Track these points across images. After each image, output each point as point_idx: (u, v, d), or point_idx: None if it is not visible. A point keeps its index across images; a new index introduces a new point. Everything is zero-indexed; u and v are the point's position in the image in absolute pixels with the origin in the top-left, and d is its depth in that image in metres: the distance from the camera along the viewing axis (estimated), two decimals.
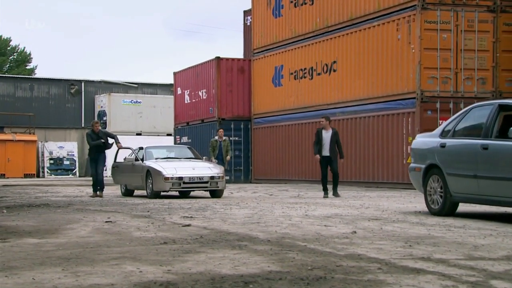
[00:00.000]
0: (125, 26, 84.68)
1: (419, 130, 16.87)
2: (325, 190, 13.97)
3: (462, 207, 9.29)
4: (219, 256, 5.47)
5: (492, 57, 17.67)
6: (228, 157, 17.08)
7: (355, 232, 7.02)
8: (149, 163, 15.03)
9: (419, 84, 17.22)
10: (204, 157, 16.56)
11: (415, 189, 16.37)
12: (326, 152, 13.71)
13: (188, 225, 7.91)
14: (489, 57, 17.68)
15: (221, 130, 17.38)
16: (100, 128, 15.63)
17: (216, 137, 17.31)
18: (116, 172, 16.55)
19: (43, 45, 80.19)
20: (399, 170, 17.88)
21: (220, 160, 16.87)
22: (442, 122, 17.25)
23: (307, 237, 6.64)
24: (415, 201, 12.24)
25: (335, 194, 13.85)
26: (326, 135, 13.75)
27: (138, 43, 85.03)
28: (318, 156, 13.78)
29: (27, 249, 6.06)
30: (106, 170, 19.38)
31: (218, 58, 25.34)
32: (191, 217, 9.09)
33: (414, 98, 17.37)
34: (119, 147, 15.48)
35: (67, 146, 37.87)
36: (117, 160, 16.83)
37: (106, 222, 8.48)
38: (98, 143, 15.07)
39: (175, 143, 28.37)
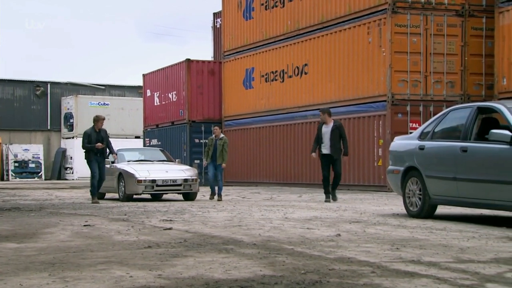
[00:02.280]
0: (94, 28, 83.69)
1: (390, 132, 17.05)
2: (327, 193, 12.63)
3: (439, 209, 9.37)
4: (208, 260, 5.40)
5: (461, 61, 17.93)
6: (224, 165, 14.41)
7: (339, 235, 7.01)
8: (121, 165, 14.85)
9: (390, 87, 17.37)
10: (177, 160, 16.44)
11: (386, 191, 16.67)
12: (325, 149, 12.36)
13: (170, 229, 7.81)
14: (457, 61, 17.94)
15: (216, 127, 14.88)
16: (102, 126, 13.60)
17: (213, 136, 14.97)
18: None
19: (8, 46, 78.78)
20: (370, 172, 18.01)
21: (216, 161, 14.46)
22: (412, 125, 17.53)
23: (293, 240, 6.61)
24: (390, 203, 12.33)
25: (334, 197, 12.67)
26: (326, 130, 12.36)
27: (107, 45, 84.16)
28: (313, 155, 12.57)
29: (7, 254, 5.90)
30: None
31: (188, 60, 25.21)
32: (171, 220, 8.99)
33: (384, 101, 17.52)
34: (114, 159, 14.30)
35: (33, 149, 37.20)
36: None
37: (85, 226, 8.32)
38: (91, 147, 13.24)
39: (144, 145, 28.12)
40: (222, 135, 14.65)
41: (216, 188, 14.40)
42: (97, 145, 13.27)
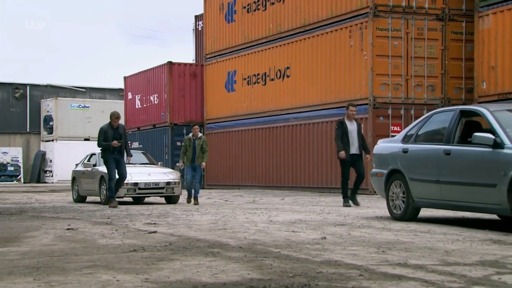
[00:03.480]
0: (75, 30, 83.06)
1: (372, 136, 17.13)
2: (346, 197, 11.82)
3: (422, 212, 9.42)
4: (194, 264, 5.37)
5: (441, 65, 18.08)
6: (203, 164, 13.61)
7: (324, 238, 7.02)
8: (103, 168, 14.74)
9: (372, 90, 17.46)
10: (159, 163, 16.37)
11: (368, 194, 16.73)
12: (354, 149, 11.39)
13: (154, 232, 7.77)
14: (438, 65, 18.09)
15: (196, 126, 14.02)
16: (119, 122, 12.77)
17: (190, 135, 13.98)
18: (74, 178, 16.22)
19: None
20: (352, 175, 18.04)
21: (194, 162, 13.70)
22: (394, 128, 17.64)
23: (278, 243, 6.60)
24: (372, 206, 12.38)
25: (355, 201, 11.75)
26: (352, 127, 11.40)
27: (89, 47, 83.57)
28: (343, 153, 11.35)
29: None
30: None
31: (170, 62, 25.13)
32: (155, 223, 8.94)
33: (366, 104, 17.59)
34: (128, 161, 13.04)
35: (12, 152, 36.80)
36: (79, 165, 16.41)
37: (68, 229, 8.24)
38: (107, 145, 12.37)
39: None
40: (200, 134, 14.01)
41: (193, 191, 13.82)
42: (113, 143, 12.47)
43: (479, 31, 16.63)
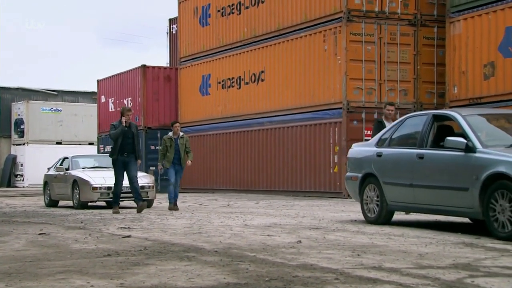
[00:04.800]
0: (49, 32, 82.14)
1: (346, 139, 17.24)
2: None
3: (396, 216, 9.50)
4: (170, 268, 5.34)
5: (413, 69, 18.27)
6: (189, 162, 12.71)
7: (300, 241, 7.03)
8: (75, 172, 14.63)
9: (345, 94, 17.57)
10: None
11: (342, 197, 16.82)
12: None
13: (128, 236, 7.71)
14: (410, 69, 18.27)
15: (177, 124, 12.86)
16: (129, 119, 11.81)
17: (170, 134, 12.84)
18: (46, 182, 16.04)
19: None
20: (326, 179, 18.15)
21: (178, 165, 12.71)
22: (367, 132, 17.76)
23: (254, 247, 6.60)
24: (346, 209, 12.45)
25: None
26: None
27: (62, 50, 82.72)
28: None
29: None
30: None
31: (144, 66, 25.00)
32: (129, 228, 8.87)
33: (340, 108, 17.70)
34: (138, 164, 12.22)
35: None
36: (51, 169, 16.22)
37: (40, 234, 8.14)
38: (118, 132, 11.45)
39: (98, 152, 27.72)
40: (181, 133, 12.97)
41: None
42: (122, 121, 11.54)
43: (450, 36, 16.85)
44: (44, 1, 79.55)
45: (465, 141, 7.69)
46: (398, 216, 9.86)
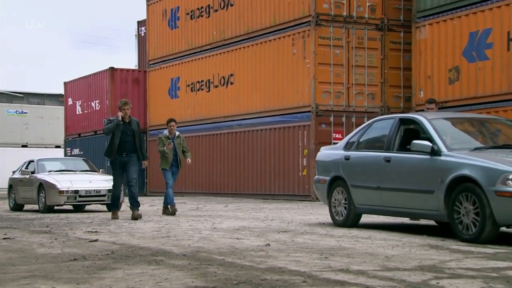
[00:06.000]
0: (15, 33, 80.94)
1: (314, 143, 17.35)
2: None
3: (363, 218, 9.58)
4: (137, 272, 5.31)
5: (381, 73, 18.48)
6: (189, 160, 12.05)
7: (268, 244, 7.05)
8: (41, 176, 14.45)
9: (314, 98, 17.68)
10: (101, 170, 16.14)
11: (311, 200, 16.91)
12: None
13: (95, 240, 7.64)
14: (377, 73, 18.48)
15: (172, 123, 12.03)
16: (129, 115, 10.38)
17: (166, 132, 12.01)
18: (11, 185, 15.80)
19: None
20: (295, 182, 18.23)
21: (175, 166, 12.15)
22: (335, 135, 17.90)
23: (222, 251, 6.60)
24: (315, 212, 12.51)
25: None
26: None
27: (29, 51, 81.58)
28: None
29: None
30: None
31: (112, 68, 24.81)
32: (96, 231, 8.79)
33: (309, 111, 17.81)
34: (144, 166, 11.14)
35: None
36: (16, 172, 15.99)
37: (4, 238, 8.02)
38: (110, 127, 10.09)
39: (65, 155, 27.40)
40: (178, 133, 12.23)
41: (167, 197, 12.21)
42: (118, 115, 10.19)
43: (416, 41, 17.09)
44: (10, 1, 78.41)
45: (430, 144, 7.80)
46: (365, 218, 9.95)
